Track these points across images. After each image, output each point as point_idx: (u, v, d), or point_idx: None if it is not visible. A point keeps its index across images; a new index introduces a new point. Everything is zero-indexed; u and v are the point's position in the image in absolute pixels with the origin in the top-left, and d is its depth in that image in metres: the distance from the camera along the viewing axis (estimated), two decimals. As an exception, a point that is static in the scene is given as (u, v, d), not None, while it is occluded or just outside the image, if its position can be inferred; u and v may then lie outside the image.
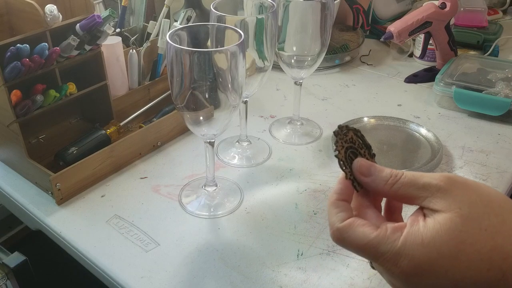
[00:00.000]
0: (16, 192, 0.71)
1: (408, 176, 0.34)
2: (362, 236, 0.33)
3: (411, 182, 0.34)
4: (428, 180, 0.33)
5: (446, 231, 0.31)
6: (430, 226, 0.32)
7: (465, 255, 0.31)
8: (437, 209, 0.32)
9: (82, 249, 0.62)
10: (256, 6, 0.72)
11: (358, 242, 0.33)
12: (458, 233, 0.31)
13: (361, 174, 0.36)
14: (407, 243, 0.32)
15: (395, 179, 0.34)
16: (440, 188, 0.33)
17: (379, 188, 0.35)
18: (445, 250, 0.31)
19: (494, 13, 1.31)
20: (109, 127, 0.77)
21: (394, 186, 0.34)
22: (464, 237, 0.31)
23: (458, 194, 0.32)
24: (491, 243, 0.31)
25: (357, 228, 0.34)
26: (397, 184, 0.34)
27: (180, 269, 0.59)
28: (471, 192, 0.32)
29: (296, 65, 0.76)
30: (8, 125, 0.67)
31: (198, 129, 0.61)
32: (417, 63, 1.10)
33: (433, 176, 0.33)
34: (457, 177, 0.33)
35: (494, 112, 0.86)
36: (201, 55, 0.54)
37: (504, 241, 0.31)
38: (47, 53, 0.64)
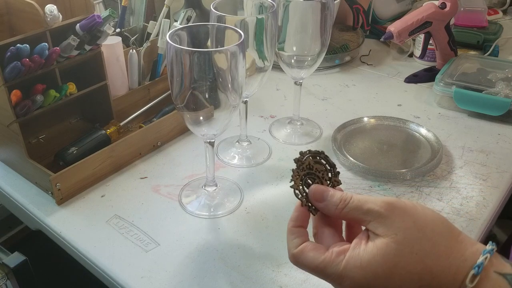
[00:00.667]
0: (16, 192, 0.71)
1: (355, 201, 0.38)
2: (312, 260, 0.38)
3: (356, 207, 0.38)
4: (371, 206, 0.37)
5: (382, 255, 0.35)
6: (368, 250, 0.36)
7: (397, 276, 0.35)
8: (377, 233, 0.36)
9: (82, 249, 0.62)
10: (256, 6, 0.72)
11: (309, 265, 0.38)
12: (392, 257, 0.35)
13: (315, 200, 0.40)
14: (348, 266, 0.36)
15: (344, 204, 0.38)
16: (380, 214, 0.36)
17: (331, 213, 0.39)
18: (380, 272, 0.35)
19: (494, 13, 1.31)
20: (109, 127, 0.77)
21: (343, 210, 0.38)
22: (397, 260, 0.35)
23: (395, 221, 0.36)
24: (421, 265, 0.35)
25: (308, 253, 0.38)
26: (346, 208, 0.38)
27: (180, 269, 0.59)
28: (407, 218, 0.36)
29: (296, 65, 0.76)
30: (8, 125, 0.67)
31: (198, 129, 0.61)
32: (417, 63, 1.10)
33: (376, 202, 0.37)
34: (397, 203, 0.37)
35: (494, 112, 0.86)
36: (201, 55, 0.54)
37: (433, 263, 0.35)
38: (47, 53, 0.64)
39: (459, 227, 0.64)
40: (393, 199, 0.37)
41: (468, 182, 0.72)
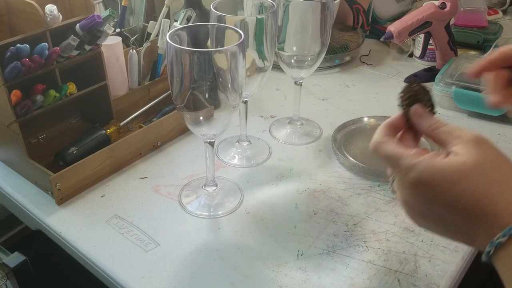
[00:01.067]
0: (16, 192, 0.71)
1: (448, 127, 0.41)
2: (391, 149, 0.42)
3: (448, 131, 0.41)
4: (463, 133, 0.40)
5: (456, 166, 0.37)
6: (445, 161, 0.38)
7: (460, 187, 0.37)
8: (459, 152, 0.38)
9: (82, 249, 0.62)
10: (256, 6, 0.72)
11: (386, 152, 0.42)
12: (464, 172, 0.37)
13: (414, 114, 0.44)
14: (420, 163, 0.39)
15: (438, 125, 0.42)
16: (468, 140, 0.39)
17: (423, 129, 0.43)
18: (448, 178, 0.37)
19: (494, 13, 1.31)
20: (109, 127, 0.77)
21: (434, 130, 0.42)
22: (467, 175, 0.37)
23: (482, 150, 0.38)
24: (486, 187, 0.37)
25: (390, 144, 0.42)
26: (438, 130, 0.42)
27: (180, 269, 0.59)
28: (492, 153, 0.38)
29: (296, 65, 0.76)
30: (8, 125, 0.67)
31: (198, 129, 0.61)
32: (417, 63, 1.10)
33: (468, 133, 0.40)
34: (487, 141, 0.39)
35: (494, 112, 0.86)
36: (201, 55, 0.54)
37: (498, 191, 0.36)
38: (47, 53, 0.64)
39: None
40: (482, 136, 0.39)
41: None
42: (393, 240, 0.62)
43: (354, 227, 0.64)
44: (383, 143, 0.43)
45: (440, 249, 0.61)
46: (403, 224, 0.65)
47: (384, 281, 0.57)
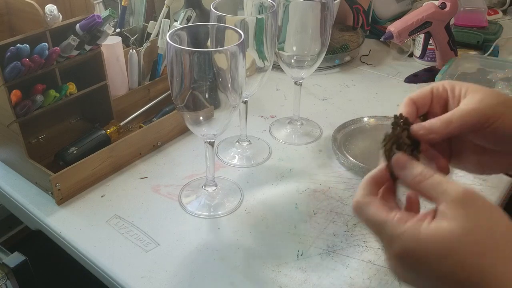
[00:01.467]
0: (16, 192, 0.71)
1: (434, 179, 0.37)
2: (374, 214, 0.38)
3: (433, 185, 0.37)
4: (450, 188, 0.35)
5: (444, 237, 0.34)
6: (431, 228, 0.35)
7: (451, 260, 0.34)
8: (445, 215, 0.35)
9: (82, 249, 0.62)
10: (256, 6, 0.72)
11: (369, 217, 0.38)
12: (452, 243, 0.34)
13: (397, 166, 0.40)
14: (405, 233, 0.36)
15: (422, 178, 0.38)
16: (456, 199, 0.35)
17: (408, 182, 0.39)
18: (436, 251, 0.34)
19: (494, 13, 1.31)
20: (109, 127, 0.77)
21: (419, 184, 0.38)
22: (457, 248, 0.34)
23: (470, 211, 0.34)
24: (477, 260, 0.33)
25: (372, 207, 0.38)
26: (423, 183, 0.37)
27: (180, 269, 0.59)
28: (483, 214, 0.34)
29: (296, 65, 0.76)
30: (8, 125, 0.67)
31: (198, 129, 0.61)
32: (417, 63, 1.10)
33: (456, 187, 0.35)
34: (477, 197, 0.35)
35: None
36: (201, 55, 0.54)
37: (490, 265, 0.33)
38: (47, 53, 0.64)
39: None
40: (475, 192, 0.35)
41: (468, 182, 0.72)
42: (393, 240, 0.62)
43: (354, 227, 0.64)
44: (364, 205, 0.39)
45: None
46: (403, 224, 0.65)
47: (384, 281, 0.57)
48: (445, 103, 0.44)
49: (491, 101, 0.41)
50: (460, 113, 0.41)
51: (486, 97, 0.41)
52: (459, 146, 0.45)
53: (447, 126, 0.41)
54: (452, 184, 0.36)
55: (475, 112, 0.41)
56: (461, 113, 0.41)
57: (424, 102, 0.45)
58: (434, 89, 0.44)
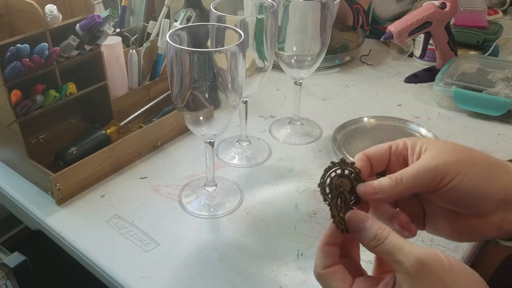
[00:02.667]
0: (16, 192, 0.71)
1: (389, 245, 0.35)
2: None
3: (388, 252, 0.35)
4: (402, 259, 0.33)
5: None
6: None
7: None
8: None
9: (82, 249, 0.62)
10: (256, 6, 0.72)
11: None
12: None
13: (350, 228, 0.37)
14: None
15: (377, 243, 0.35)
16: (408, 272, 0.33)
17: (363, 244, 0.37)
18: None
19: (494, 13, 1.31)
20: (109, 127, 0.77)
21: (375, 248, 0.36)
22: None
23: (422, 285, 0.33)
24: None
25: (333, 280, 0.37)
26: (377, 248, 0.35)
27: (180, 269, 0.59)
28: (437, 286, 0.33)
29: (296, 65, 0.76)
30: (8, 125, 0.67)
31: (198, 129, 0.61)
32: (417, 63, 1.10)
33: (408, 257, 0.33)
34: (429, 266, 0.33)
35: (494, 112, 0.86)
36: (201, 55, 0.54)
37: None
38: (47, 53, 0.64)
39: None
40: (428, 257, 0.33)
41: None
42: (393, 240, 0.62)
43: (354, 227, 0.64)
44: (325, 278, 0.37)
45: (440, 249, 0.61)
46: (403, 224, 0.65)
47: (384, 281, 0.57)
48: (405, 162, 0.41)
49: (447, 158, 0.37)
50: (412, 171, 0.38)
51: (442, 154, 0.38)
52: (430, 210, 0.42)
53: (396, 185, 0.38)
54: (405, 253, 0.33)
55: (427, 169, 0.37)
56: (413, 171, 0.38)
57: (381, 159, 0.41)
58: (394, 146, 0.41)
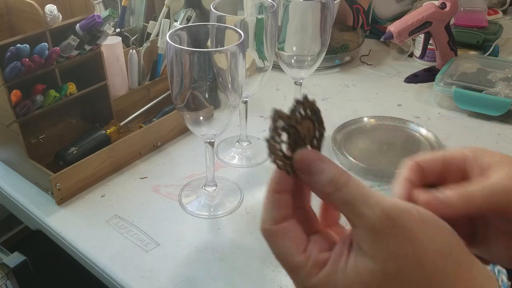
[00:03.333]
0: (16, 192, 0.71)
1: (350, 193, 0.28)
2: (286, 251, 0.30)
3: (347, 202, 0.28)
4: (366, 211, 0.27)
5: (362, 284, 0.27)
6: (348, 273, 0.28)
7: None
8: (364, 249, 0.28)
9: (82, 249, 0.62)
10: (256, 6, 0.72)
11: (280, 254, 0.30)
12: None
13: (299, 170, 0.30)
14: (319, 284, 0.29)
15: (333, 188, 0.29)
16: (373, 226, 0.27)
17: (315, 191, 0.30)
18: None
19: (494, 13, 1.31)
20: (109, 127, 0.77)
21: (330, 196, 0.29)
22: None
23: (390, 242, 0.27)
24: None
25: (285, 241, 0.30)
26: (334, 196, 0.29)
27: (180, 269, 0.59)
28: (407, 243, 0.27)
29: (296, 65, 0.76)
30: (8, 125, 0.67)
31: (198, 129, 0.61)
32: (417, 63, 1.10)
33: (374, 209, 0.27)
34: (400, 219, 0.27)
35: (494, 112, 0.86)
36: (201, 55, 0.54)
37: None
38: (47, 53, 0.64)
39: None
40: (398, 210, 0.27)
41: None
42: (393, 240, 0.62)
43: (354, 227, 0.64)
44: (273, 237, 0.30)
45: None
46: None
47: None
48: (462, 175, 0.35)
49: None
50: (485, 189, 0.32)
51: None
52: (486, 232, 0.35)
53: (466, 202, 0.32)
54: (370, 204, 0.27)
55: (505, 190, 0.32)
56: (487, 189, 0.32)
57: (434, 169, 0.35)
58: (448, 155, 0.35)
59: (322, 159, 0.30)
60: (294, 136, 0.31)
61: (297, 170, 0.31)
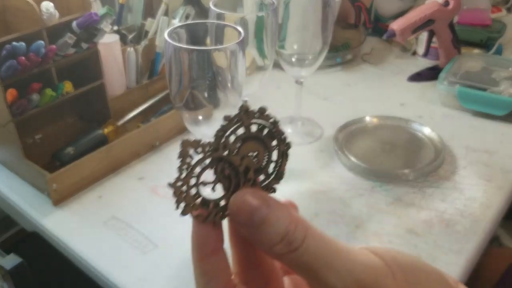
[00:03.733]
0: (12, 193, 0.70)
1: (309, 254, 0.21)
2: None
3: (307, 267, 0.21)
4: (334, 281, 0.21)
5: None
6: None
7: None
8: None
9: (79, 251, 0.61)
10: (256, 4, 0.71)
11: None
12: None
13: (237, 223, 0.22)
14: None
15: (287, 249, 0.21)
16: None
17: (262, 248, 0.22)
18: None
19: (498, 11, 1.29)
20: (107, 126, 0.76)
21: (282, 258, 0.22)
22: None
23: None
24: None
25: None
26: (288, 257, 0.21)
27: (178, 271, 0.58)
28: None
29: (297, 64, 0.75)
30: (4, 125, 0.67)
31: (197, 129, 0.60)
32: (420, 62, 1.09)
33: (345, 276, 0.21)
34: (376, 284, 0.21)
35: (498, 111, 0.85)
36: (200, 54, 0.53)
37: None
38: (43, 51, 0.64)
39: (462, 228, 0.63)
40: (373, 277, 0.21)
41: (472, 182, 0.71)
42: (396, 242, 0.61)
43: (356, 228, 0.63)
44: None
45: (444, 251, 0.60)
46: (406, 226, 0.64)
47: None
48: None
49: None
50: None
51: None
52: None
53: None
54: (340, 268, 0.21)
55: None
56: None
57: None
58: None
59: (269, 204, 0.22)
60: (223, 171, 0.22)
61: (235, 222, 0.23)
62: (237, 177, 0.22)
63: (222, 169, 0.22)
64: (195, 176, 0.22)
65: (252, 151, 0.22)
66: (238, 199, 0.22)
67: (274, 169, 0.23)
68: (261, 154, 0.22)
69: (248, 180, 0.23)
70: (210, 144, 0.22)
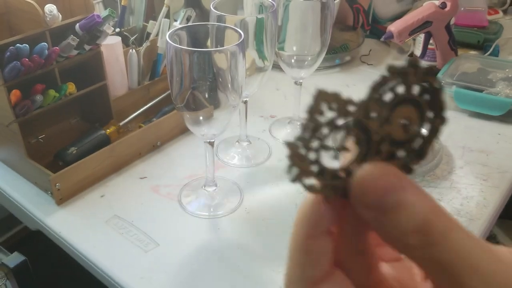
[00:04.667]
0: (16, 192, 0.71)
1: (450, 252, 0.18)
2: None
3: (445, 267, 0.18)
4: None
5: None
6: None
7: None
8: None
9: (82, 249, 0.61)
10: (256, 6, 0.72)
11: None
12: None
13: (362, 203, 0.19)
14: None
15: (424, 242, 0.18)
16: None
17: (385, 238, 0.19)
18: None
19: (495, 12, 1.30)
20: (109, 127, 0.77)
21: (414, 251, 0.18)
22: None
23: None
24: None
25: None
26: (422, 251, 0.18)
27: (180, 270, 0.58)
28: None
29: (296, 65, 0.76)
30: (7, 125, 0.67)
31: (197, 129, 0.61)
32: (417, 63, 1.09)
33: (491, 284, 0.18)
34: None
35: (494, 112, 0.86)
36: (201, 55, 0.54)
37: None
38: (46, 53, 0.64)
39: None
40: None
41: (469, 182, 0.72)
42: (394, 240, 0.62)
43: (354, 227, 0.64)
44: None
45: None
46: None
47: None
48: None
49: None
50: None
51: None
52: None
53: None
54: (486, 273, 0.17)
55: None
56: None
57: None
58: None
59: (405, 186, 0.18)
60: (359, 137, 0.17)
61: (357, 201, 0.19)
62: (368, 146, 0.18)
63: (357, 134, 0.17)
64: (319, 138, 0.18)
65: (404, 118, 0.18)
66: (368, 174, 0.18)
67: (420, 146, 0.18)
68: (412, 125, 0.18)
69: (379, 153, 0.18)
70: (350, 100, 0.17)
